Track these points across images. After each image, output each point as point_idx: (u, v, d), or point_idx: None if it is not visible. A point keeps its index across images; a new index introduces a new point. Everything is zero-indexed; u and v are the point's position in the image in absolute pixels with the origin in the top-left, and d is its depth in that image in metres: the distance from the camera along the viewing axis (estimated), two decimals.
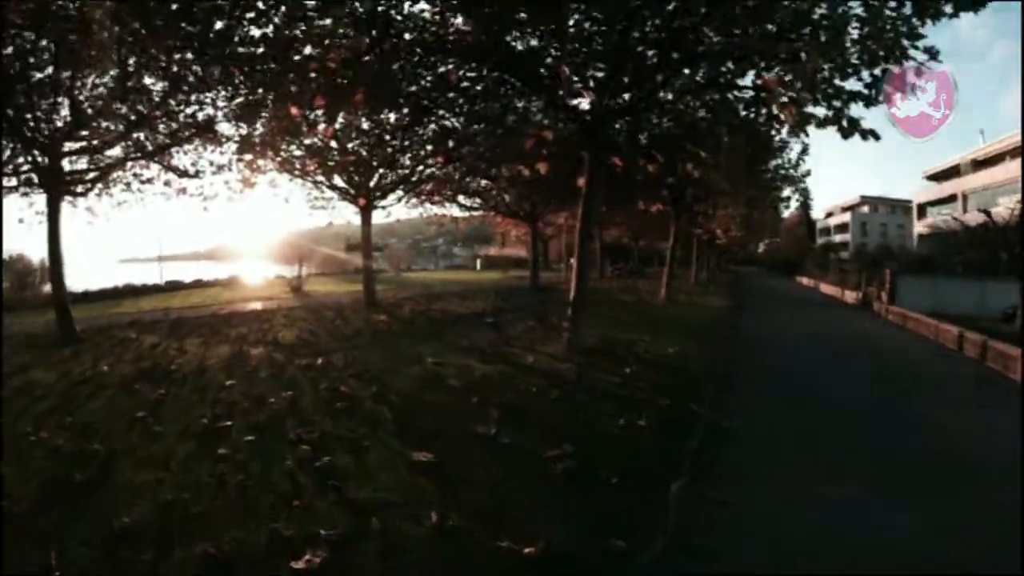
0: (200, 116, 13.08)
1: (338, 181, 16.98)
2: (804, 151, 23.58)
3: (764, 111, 9.26)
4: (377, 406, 6.38)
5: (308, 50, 8.56)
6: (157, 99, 11.59)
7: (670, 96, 10.75)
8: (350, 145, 15.51)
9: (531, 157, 11.77)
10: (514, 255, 60.22)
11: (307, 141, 15.42)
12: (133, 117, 12.21)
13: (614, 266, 42.04)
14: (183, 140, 13.31)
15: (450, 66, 10.15)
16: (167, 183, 16.26)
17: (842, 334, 16.47)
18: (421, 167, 17.16)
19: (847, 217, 75.46)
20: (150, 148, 13.04)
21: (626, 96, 10.35)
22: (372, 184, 16.61)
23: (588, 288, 11.13)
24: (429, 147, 16.36)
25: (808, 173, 50.50)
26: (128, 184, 16.12)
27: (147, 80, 11.81)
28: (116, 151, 13.79)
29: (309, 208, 18.75)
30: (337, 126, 13.45)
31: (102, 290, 24.67)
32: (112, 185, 16.60)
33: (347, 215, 19.70)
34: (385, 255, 39.18)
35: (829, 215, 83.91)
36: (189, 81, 11.70)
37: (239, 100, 12.31)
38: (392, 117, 14.07)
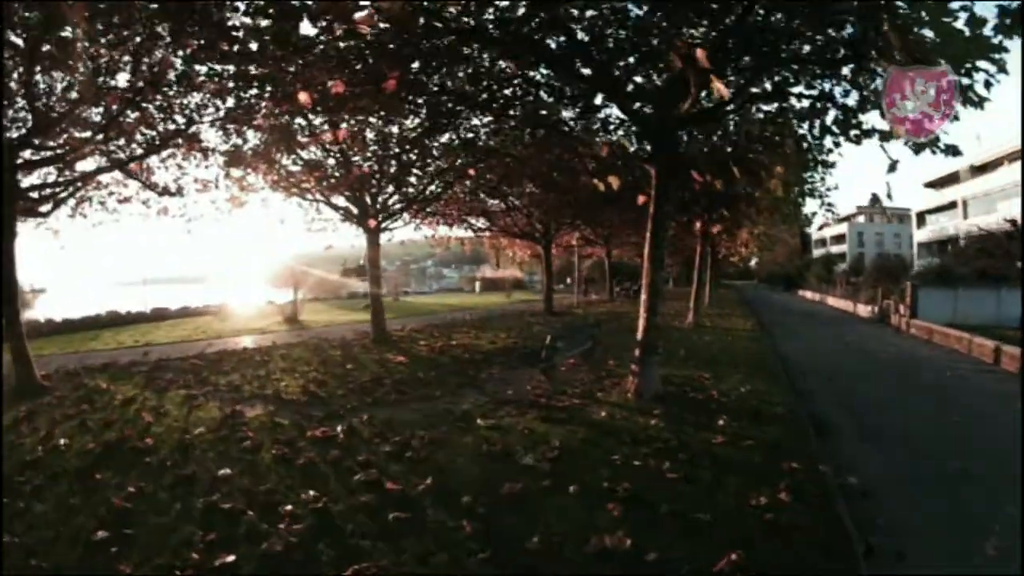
0: (181, 121, 11.23)
1: (340, 200, 15.13)
2: (831, 164, 22.11)
3: (818, 121, 8.06)
4: (444, 514, 4.43)
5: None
6: (131, 98, 9.64)
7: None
8: (355, 158, 13.63)
9: (603, 170, 10.19)
10: (510, 277, 58.58)
11: (305, 155, 13.56)
12: (103, 121, 10.32)
13: (620, 286, 40.27)
14: (161, 149, 11.42)
15: (492, 59, 8.50)
16: (146, 202, 14.40)
17: (884, 355, 16.02)
18: (434, 184, 15.30)
19: (843, 228, 74.41)
20: (124, 158, 11.06)
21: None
22: (379, 203, 14.73)
23: (657, 324, 9.24)
24: (440, 162, 14.57)
25: (835, 187, 49.63)
26: (103, 203, 14.27)
27: (121, 79, 9.95)
28: (88, 164, 11.92)
29: (306, 230, 16.82)
30: (343, 133, 11.54)
31: (85, 319, 22.69)
32: (86, 204, 14.75)
33: (349, 238, 17.87)
34: (385, 279, 37.11)
35: (823, 226, 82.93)
36: (168, 79, 9.90)
37: (228, 103, 10.51)
38: (408, 123, 12.26)
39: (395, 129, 12.68)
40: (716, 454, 6.02)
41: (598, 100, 10.14)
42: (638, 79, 8.99)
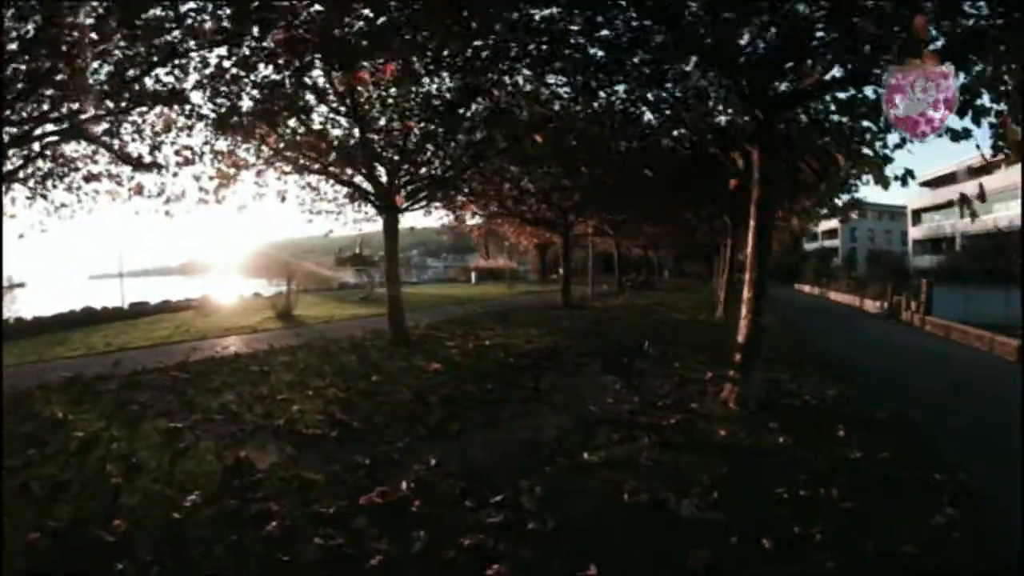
0: (165, 77, 9.08)
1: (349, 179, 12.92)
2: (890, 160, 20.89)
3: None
4: None
5: None
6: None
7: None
8: (380, 120, 11.40)
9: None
10: (506, 267, 56.68)
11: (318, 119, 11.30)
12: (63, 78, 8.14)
13: (625, 277, 38.42)
14: (132, 108, 9.28)
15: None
16: (117, 179, 12.12)
17: (922, 353, 15.55)
18: (462, 160, 13.05)
19: (834, 223, 73.38)
20: (86, 119, 8.87)
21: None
22: (400, 181, 12.50)
23: (762, 325, 7.61)
24: (475, 135, 12.39)
25: (865, 182, 49.14)
26: (63, 178, 12.01)
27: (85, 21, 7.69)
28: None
29: (307, 212, 14.56)
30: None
31: (57, 316, 20.25)
32: (48, 182, 12.48)
33: (349, 224, 15.74)
34: (380, 269, 34.49)
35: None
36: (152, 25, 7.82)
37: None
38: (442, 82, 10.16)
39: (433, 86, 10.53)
40: (868, 472, 5.25)
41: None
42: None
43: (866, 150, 10.04)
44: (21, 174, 11.55)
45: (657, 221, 26.91)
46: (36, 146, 10.75)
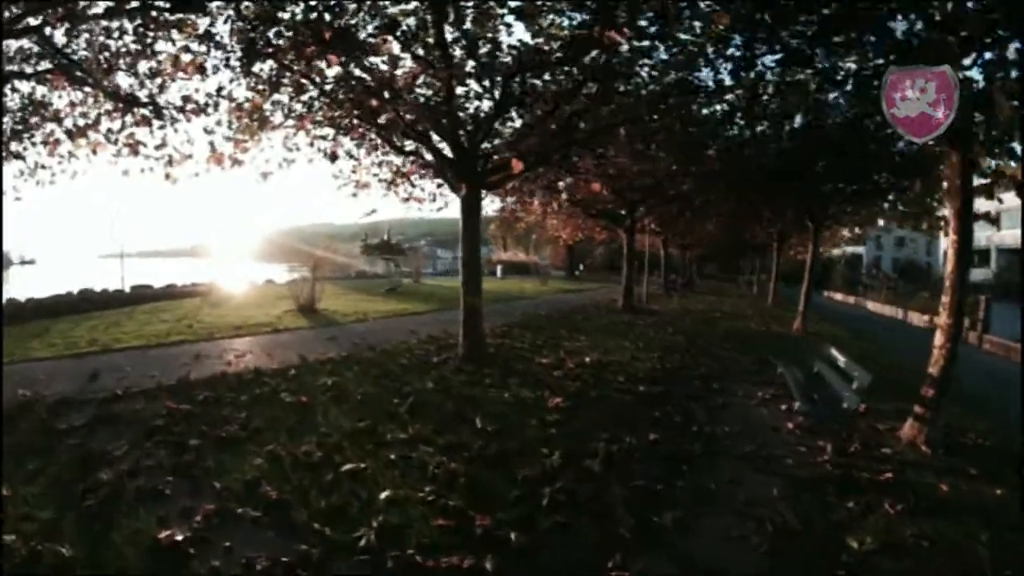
0: None
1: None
2: None
3: None
4: None
5: None
6: None
7: None
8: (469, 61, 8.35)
9: None
10: (531, 261, 54.03)
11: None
12: None
13: (669, 281, 35.48)
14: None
15: None
16: (108, 133, 9.26)
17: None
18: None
19: (856, 229, 70.24)
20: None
21: None
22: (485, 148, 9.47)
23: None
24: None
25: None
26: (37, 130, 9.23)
27: None
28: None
29: (348, 186, 11.51)
30: None
31: (53, 297, 18.06)
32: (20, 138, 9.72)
33: (393, 204, 12.69)
34: (408, 259, 31.43)
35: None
36: None
37: None
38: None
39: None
40: None
41: None
42: None
43: None
44: None
45: (726, 218, 23.81)
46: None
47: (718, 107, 10.32)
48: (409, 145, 10.11)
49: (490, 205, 18.53)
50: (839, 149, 12.02)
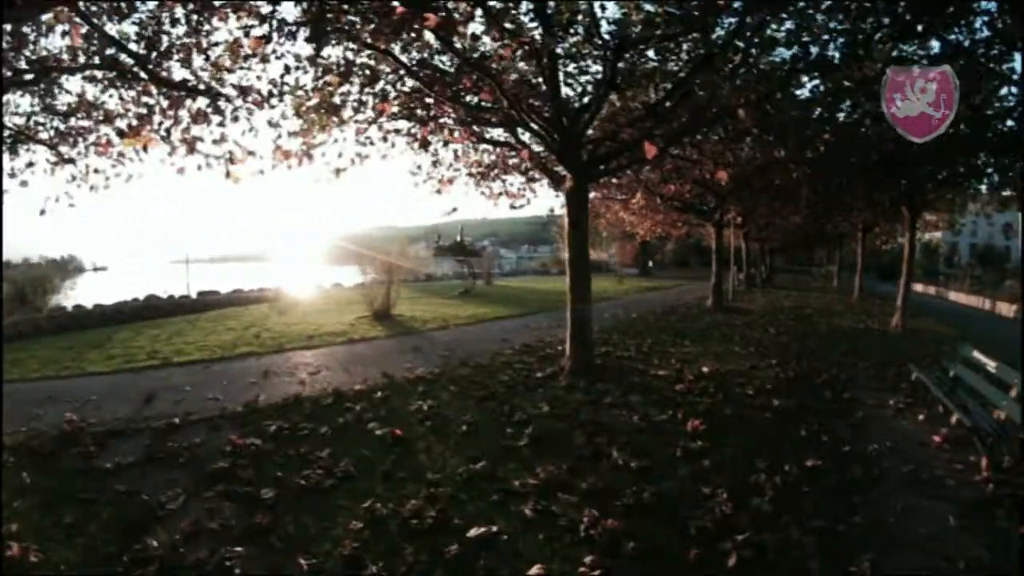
0: None
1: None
2: None
3: None
4: None
5: None
6: None
7: None
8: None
9: None
10: (602, 259, 52.54)
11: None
12: None
13: (750, 275, 33.40)
14: None
15: None
16: (165, 135, 8.28)
17: None
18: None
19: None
20: None
21: None
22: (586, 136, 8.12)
23: None
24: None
25: None
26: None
27: None
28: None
29: (433, 181, 10.31)
30: None
31: (118, 304, 17.76)
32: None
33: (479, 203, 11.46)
34: (483, 260, 30.29)
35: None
36: None
37: None
38: None
39: None
40: None
41: None
42: None
43: None
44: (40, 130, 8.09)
45: (819, 207, 21.80)
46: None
47: (829, 84, 8.88)
48: (500, 136, 8.90)
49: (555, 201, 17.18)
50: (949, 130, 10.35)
